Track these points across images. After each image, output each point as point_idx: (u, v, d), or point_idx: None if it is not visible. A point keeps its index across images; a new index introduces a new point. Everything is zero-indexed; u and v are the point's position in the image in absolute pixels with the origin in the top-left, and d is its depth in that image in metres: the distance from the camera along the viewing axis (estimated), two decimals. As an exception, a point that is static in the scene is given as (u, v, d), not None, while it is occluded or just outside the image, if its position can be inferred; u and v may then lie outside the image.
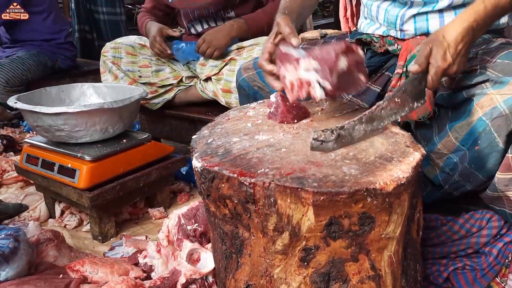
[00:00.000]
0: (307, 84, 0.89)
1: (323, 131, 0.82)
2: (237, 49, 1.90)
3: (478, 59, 1.10)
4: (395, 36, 1.26)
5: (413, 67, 0.97)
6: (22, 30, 2.75)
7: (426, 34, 1.19)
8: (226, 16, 1.98)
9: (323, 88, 0.88)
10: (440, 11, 1.18)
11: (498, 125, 0.95)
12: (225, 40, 1.86)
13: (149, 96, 1.97)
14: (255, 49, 1.82)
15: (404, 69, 1.19)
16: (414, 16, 1.20)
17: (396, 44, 1.26)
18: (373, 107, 0.92)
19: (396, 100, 0.93)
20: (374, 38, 1.27)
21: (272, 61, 1.04)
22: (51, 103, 1.66)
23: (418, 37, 1.21)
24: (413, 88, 0.95)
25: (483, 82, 1.01)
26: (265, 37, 1.86)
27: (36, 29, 2.77)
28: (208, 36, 1.87)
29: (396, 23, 1.24)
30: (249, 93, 1.34)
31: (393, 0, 1.25)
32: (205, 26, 2.03)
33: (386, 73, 1.28)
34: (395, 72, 1.21)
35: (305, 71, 0.88)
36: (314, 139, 0.81)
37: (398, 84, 1.18)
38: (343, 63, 0.87)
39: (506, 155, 0.96)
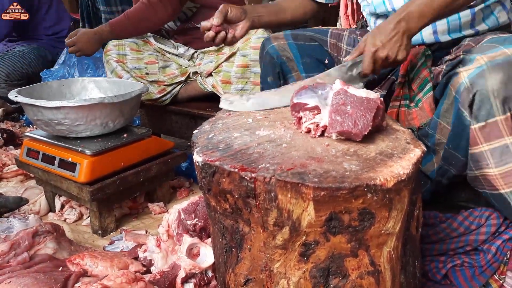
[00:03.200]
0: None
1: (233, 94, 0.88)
2: None
3: (463, 46, 1.15)
4: None
5: (346, 57, 1.07)
6: (24, 26, 2.75)
7: (423, 43, 1.24)
8: None
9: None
10: None
11: (463, 99, 0.99)
12: (92, 48, 2.00)
13: (157, 96, 1.97)
14: (251, 38, 1.84)
15: (406, 78, 1.23)
16: None
17: None
18: (292, 83, 0.97)
19: (319, 82, 0.98)
20: None
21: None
22: (52, 97, 1.66)
23: (417, 46, 1.23)
24: (340, 73, 1.04)
25: (458, 64, 1.06)
26: (259, 30, 1.88)
27: (38, 23, 2.76)
28: (79, 42, 1.97)
29: None
30: (276, 61, 1.34)
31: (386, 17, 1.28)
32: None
33: (391, 77, 1.32)
34: (397, 82, 1.24)
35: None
36: (223, 98, 0.88)
37: (401, 93, 1.23)
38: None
39: (470, 127, 0.99)
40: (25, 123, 2.74)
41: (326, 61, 1.37)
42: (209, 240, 1.19)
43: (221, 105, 1.04)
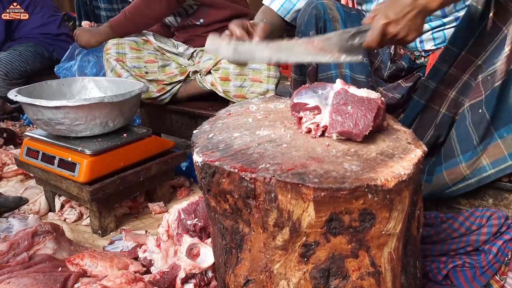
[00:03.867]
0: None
1: (223, 37, 0.86)
2: None
3: None
4: (419, 50, 1.33)
5: (363, 19, 0.99)
6: (18, 28, 2.75)
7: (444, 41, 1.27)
8: None
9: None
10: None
11: None
12: (89, 42, 2.04)
13: (157, 95, 1.97)
14: None
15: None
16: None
17: (422, 58, 1.33)
18: (286, 39, 0.92)
19: (315, 44, 0.91)
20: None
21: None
22: (52, 96, 1.65)
23: (441, 46, 1.28)
24: (340, 40, 0.93)
25: None
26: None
27: (30, 24, 2.76)
28: (80, 34, 2.03)
29: (416, 44, 1.33)
30: (323, 17, 1.30)
31: None
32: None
33: (417, 73, 1.34)
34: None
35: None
36: (209, 40, 0.83)
37: None
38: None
39: None
40: (25, 123, 2.73)
41: None
42: (209, 240, 1.18)
43: (206, 46, 0.97)
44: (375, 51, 1.24)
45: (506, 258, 1.06)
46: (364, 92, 0.84)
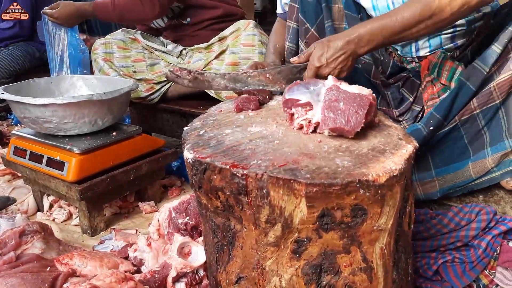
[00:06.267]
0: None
1: (181, 68, 0.93)
2: (219, 40, 1.91)
3: None
4: (412, 57, 1.34)
5: (293, 58, 1.09)
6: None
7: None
8: None
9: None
10: None
11: None
12: (72, 22, 1.98)
13: (145, 94, 1.95)
14: (241, 35, 1.83)
15: (432, 76, 1.27)
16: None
17: (414, 63, 1.34)
18: (240, 71, 1.04)
19: (267, 76, 1.05)
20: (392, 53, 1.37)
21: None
22: (40, 94, 1.63)
23: (435, 51, 1.29)
24: (290, 73, 1.08)
25: None
26: (242, 21, 1.88)
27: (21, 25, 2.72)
28: (60, 16, 1.96)
29: (411, 51, 1.33)
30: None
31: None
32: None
33: (404, 74, 1.36)
34: (425, 81, 1.28)
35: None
36: (170, 71, 0.92)
37: (435, 89, 1.26)
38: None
39: None
40: (13, 122, 2.69)
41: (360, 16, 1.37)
42: (201, 239, 1.18)
43: (167, 74, 1.07)
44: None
45: (495, 253, 1.07)
46: (355, 89, 0.84)
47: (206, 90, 1.91)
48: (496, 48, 1.12)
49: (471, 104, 1.17)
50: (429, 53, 1.30)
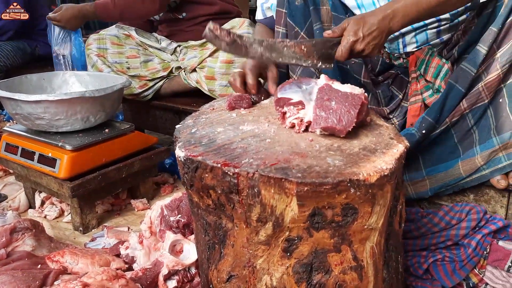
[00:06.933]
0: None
1: (220, 27, 0.87)
2: None
3: None
4: (400, 53, 1.35)
5: (327, 32, 1.05)
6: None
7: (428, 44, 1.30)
8: None
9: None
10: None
11: None
12: (75, 25, 2.02)
13: (139, 91, 1.95)
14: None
15: (418, 72, 1.28)
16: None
17: (402, 59, 1.34)
18: (279, 40, 0.97)
19: (302, 48, 0.98)
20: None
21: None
22: (32, 90, 1.62)
23: (422, 47, 1.29)
24: (323, 47, 1.01)
25: None
26: (237, 19, 1.89)
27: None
28: (63, 19, 1.99)
29: (398, 47, 1.33)
30: None
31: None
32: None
33: (392, 71, 1.36)
34: (411, 77, 1.29)
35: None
36: (209, 29, 0.85)
37: (419, 86, 1.27)
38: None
39: None
40: (5, 118, 2.67)
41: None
42: (193, 236, 1.18)
43: (204, 33, 0.97)
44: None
45: (485, 252, 1.08)
46: (348, 88, 0.85)
47: (199, 88, 1.91)
48: (481, 49, 1.14)
49: (461, 106, 1.19)
50: (416, 49, 1.32)
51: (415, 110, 1.28)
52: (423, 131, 1.21)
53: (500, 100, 1.16)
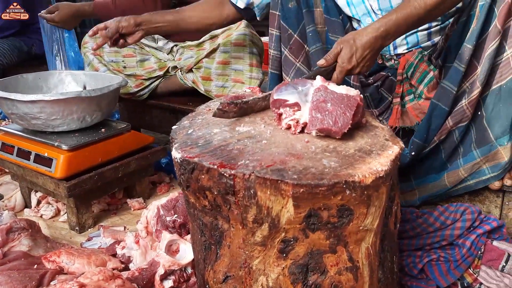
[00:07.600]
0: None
1: (229, 104, 0.89)
2: (211, 38, 1.91)
3: None
4: (391, 54, 1.36)
5: (320, 61, 1.06)
6: None
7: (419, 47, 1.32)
8: None
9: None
10: None
11: None
12: (71, 24, 2.05)
13: (135, 90, 1.94)
14: (233, 34, 1.82)
15: (404, 75, 1.29)
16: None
17: (393, 60, 1.36)
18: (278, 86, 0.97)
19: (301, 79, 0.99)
20: None
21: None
22: (28, 90, 1.61)
23: (413, 49, 1.30)
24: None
25: None
26: (240, 25, 1.88)
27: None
28: (60, 19, 1.99)
29: (389, 48, 1.35)
30: None
31: None
32: None
33: (383, 73, 1.38)
34: (396, 79, 1.31)
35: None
36: (218, 109, 0.88)
37: (401, 90, 1.29)
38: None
39: None
40: (0, 117, 2.66)
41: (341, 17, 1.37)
42: (189, 236, 1.18)
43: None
44: None
45: (479, 252, 1.09)
46: (343, 89, 0.85)
47: (196, 88, 1.91)
48: (459, 67, 1.15)
49: (446, 124, 1.21)
50: (406, 51, 1.32)
51: (394, 112, 1.30)
52: (413, 153, 1.24)
53: (479, 113, 1.18)
